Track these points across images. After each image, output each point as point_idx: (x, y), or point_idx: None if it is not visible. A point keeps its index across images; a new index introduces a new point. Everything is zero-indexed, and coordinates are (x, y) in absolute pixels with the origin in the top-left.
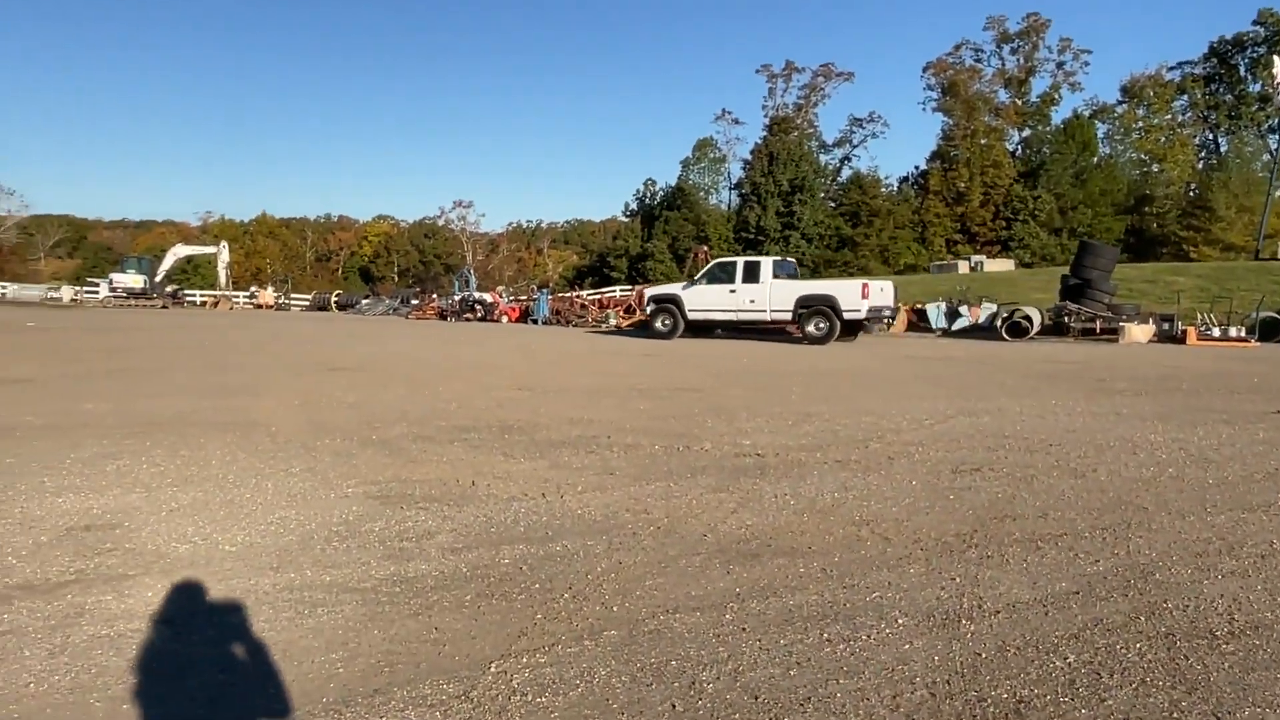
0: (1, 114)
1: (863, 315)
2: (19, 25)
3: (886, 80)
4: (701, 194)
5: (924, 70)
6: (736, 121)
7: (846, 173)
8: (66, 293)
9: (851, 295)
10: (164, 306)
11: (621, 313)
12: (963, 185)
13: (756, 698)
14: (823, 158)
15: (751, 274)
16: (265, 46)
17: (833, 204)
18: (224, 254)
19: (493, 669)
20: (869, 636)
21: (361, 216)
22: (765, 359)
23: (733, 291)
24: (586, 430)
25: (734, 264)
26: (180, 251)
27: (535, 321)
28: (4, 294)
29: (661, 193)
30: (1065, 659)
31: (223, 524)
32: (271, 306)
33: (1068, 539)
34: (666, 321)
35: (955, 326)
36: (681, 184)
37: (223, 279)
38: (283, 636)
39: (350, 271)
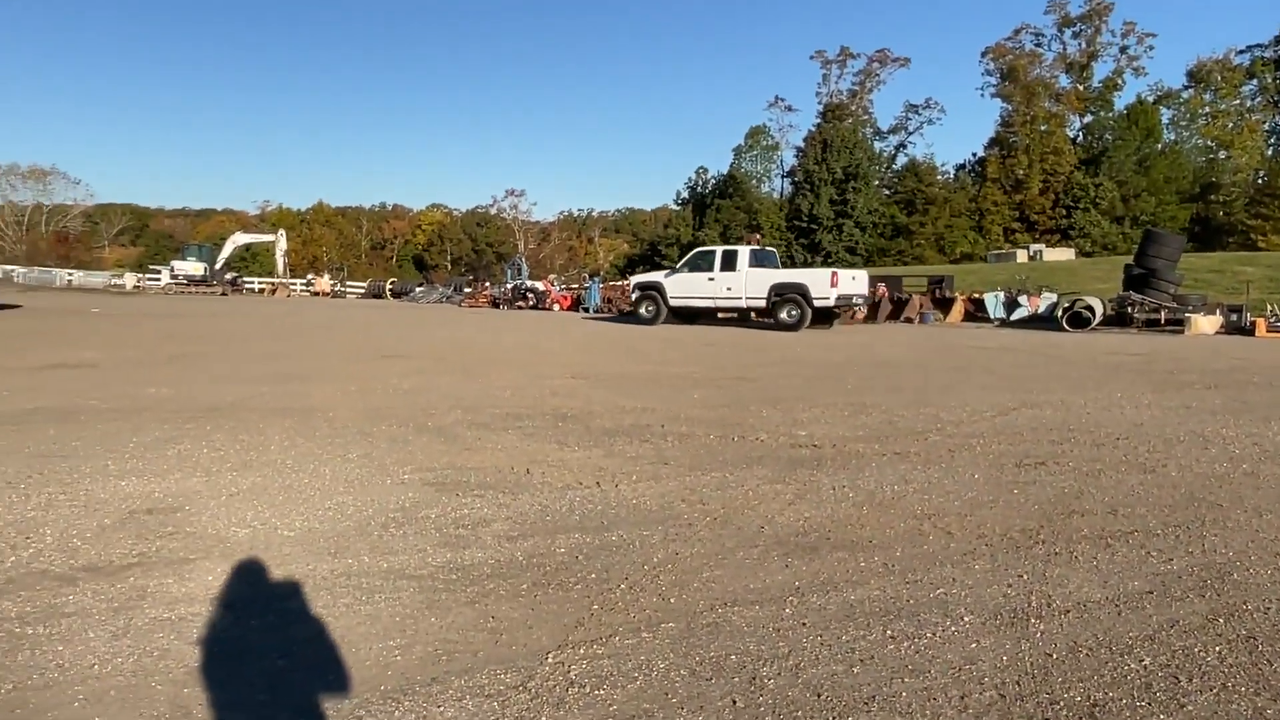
0: (69, 107)
1: (832, 302)
2: (86, 22)
3: (943, 66)
4: (753, 182)
5: (982, 55)
6: (790, 108)
7: (902, 160)
8: (129, 280)
9: (821, 283)
10: (223, 293)
11: None
12: (1022, 172)
13: (819, 695)
14: (877, 145)
15: (729, 263)
16: (322, 39)
17: (887, 192)
18: (281, 242)
19: (550, 660)
20: (934, 634)
21: (415, 205)
22: (819, 349)
23: (711, 279)
24: (640, 419)
25: (713, 253)
26: (239, 240)
27: (587, 310)
28: (70, 281)
29: (713, 181)
30: (1141, 661)
31: (281, 509)
32: (327, 294)
33: (1139, 536)
34: (650, 308)
35: (1014, 317)
36: (733, 172)
37: (280, 267)
38: (340, 623)
39: (404, 260)
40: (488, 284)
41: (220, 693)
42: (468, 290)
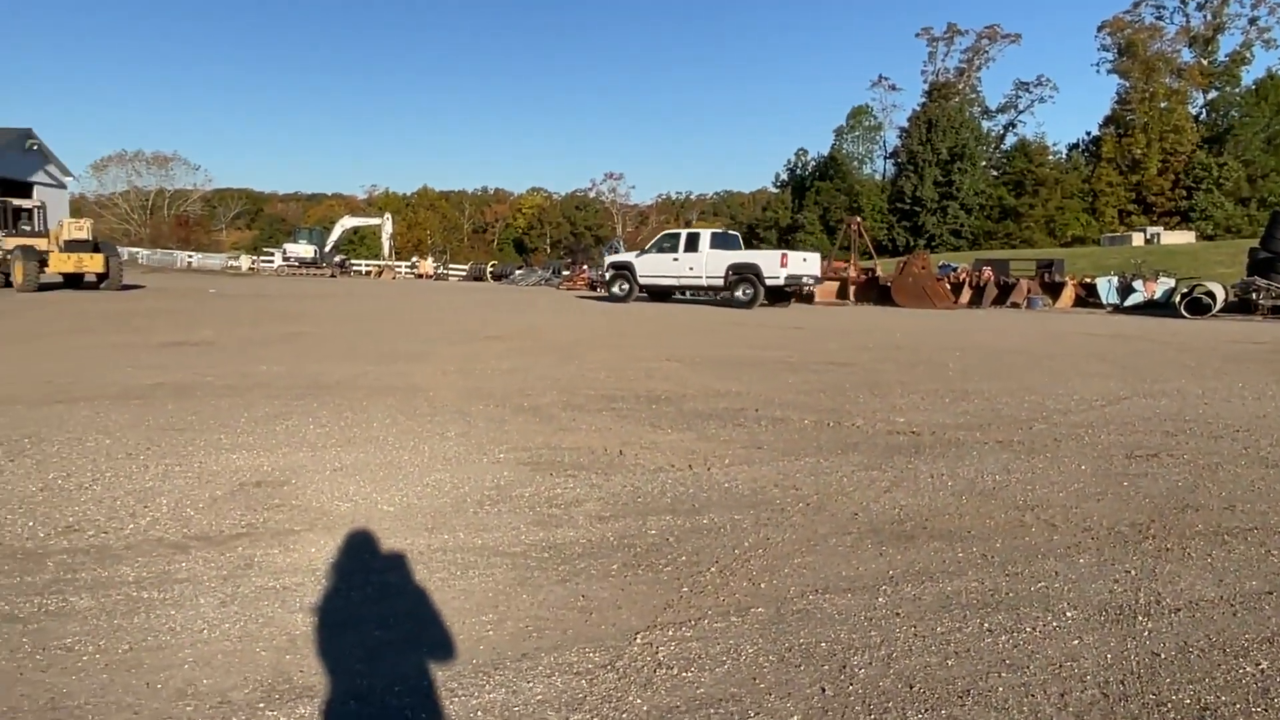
0: (188, 96)
1: (781, 281)
2: (208, 17)
3: (1056, 41)
4: (855, 163)
5: (1099, 29)
6: (894, 88)
7: (1011, 140)
8: (244, 262)
9: (772, 263)
10: (332, 275)
11: None
12: (1139, 152)
13: (911, 686)
14: (985, 124)
15: (692, 244)
16: (426, 30)
17: (995, 173)
18: (387, 225)
19: (638, 640)
20: (1034, 629)
21: (516, 189)
22: (917, 334)
23: (676, 260)
24: (734, 402)
25: (678, 235)
26: (348, 223)
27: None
28: (190, 263)
29: (813, 163)
30: (1257, 664)
31: (382, 484)
32: (430, 276)
33: (1258, 534)
34: (623, 286)
35: (1128, 302)
36: (834, 153)
37: (386, 249)
38: (436, 596)
39: (505, 243)
40: (586, 267)
41: (320, 660)
42: (566, 273)
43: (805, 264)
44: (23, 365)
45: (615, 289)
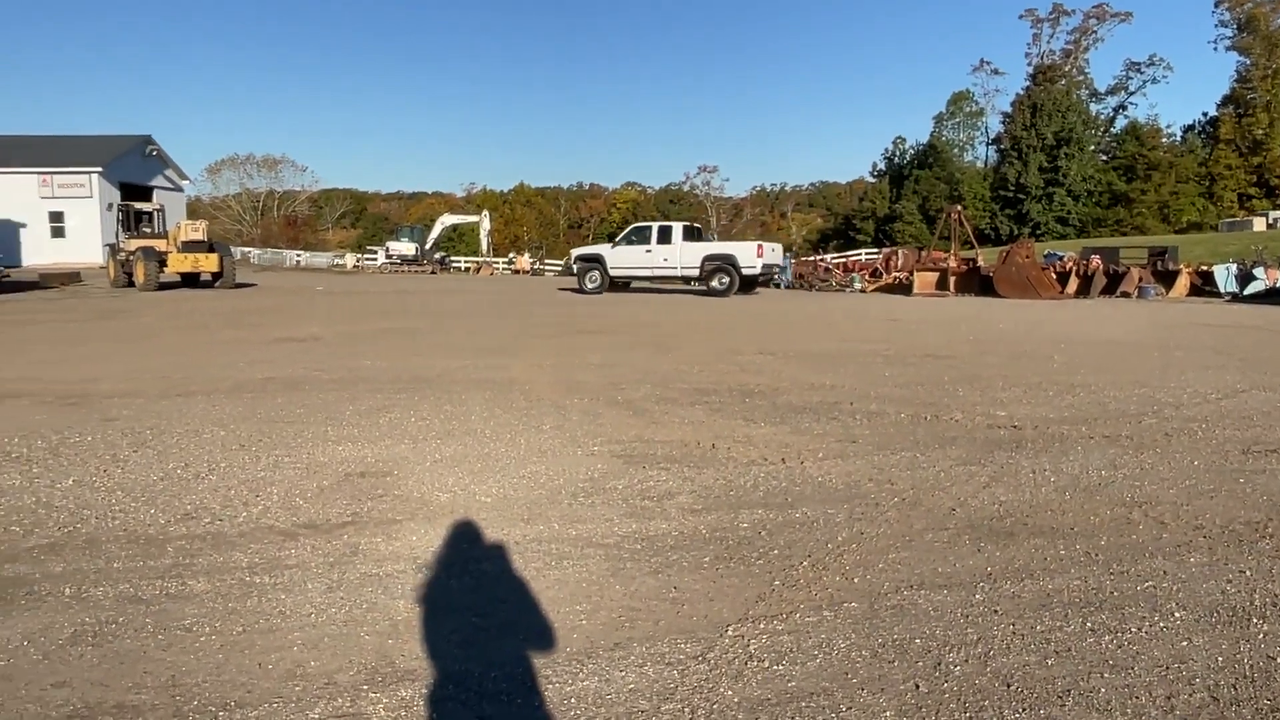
0: (296, 100)
1: (757, 271)
2: (309, 25)
3: (1170, 18)
4: (955, 151)
5: (1216, 5)
6: (996, 72)
7: (1121, 122)
8: (349, 259)
9: (749, 254)
10: (432, 272)
11: (867, 277)
12: (1260, 133)
13: (1009, 685)
14: (1093, 107)
15: (665, 236)
16: (519, 32)
17: (1104, 157)
18: (485, 222)
19: (730, 632)
20: (1139, 629)
21: (611, 184)
22: (1019, 325)
23: (649, 251)
24: (828, 396)
25: (649, 228)
26: (447, 220)
27: (779, 286)
28: (298, 261)
29: (911, 151)
30: None
31: (480, 476)
32: (527, 272)
33: None
34: (594, 278)
35: (1248, 291)
36: (934, 141)
37: (484, 246)
38: (531, 585)
39: (600, 238)
40: None
41: (421, 645)
42: None
43: (773, 254)
44: (144, 360)
45: (586, 281)
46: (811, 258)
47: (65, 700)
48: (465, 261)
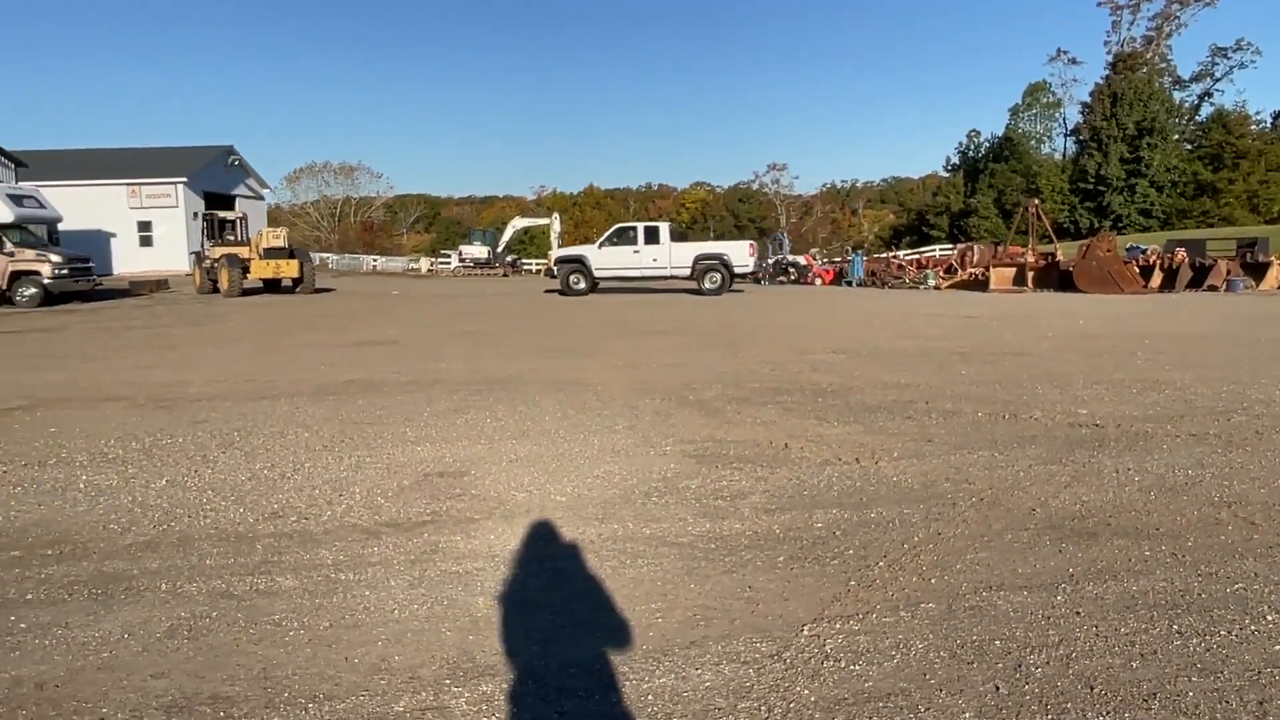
0: (371, 108)
1: (750, 269)
2: (382, 34)
3: (1259, 2)
4: (1032, 143)
5: None
6: (1074, 61)
7: (1207, 110)
8: (424, 264)
9: (741, 253)
10: (504, 274)
11: (941, 273)
12: None
13: (1092, 688)
14: (1177, 95)
15: (653, 237)
16: (586, 34)
17: (1189, 146)
18: (556, 225)
19: (805, 632)
20: (1229, 632)
21: (679, 184)
22: (1103, 320)
23: (636, 252)
24: (903, 395)
25: (635, 228)
26: (518, 224)
27: (850, 284)
28: (375, 266)
29: (986, 144)
30: None
31: (554, 475)
32: None
33: None
34: (578, 280)
35: None
36: (1010, 133)
37: (555, 248)
38: (606, 584)
39: None
40: None
41: (500, 642)
42: None
43: (755, 253)
44: (231, 364)
45: (571, 282)
46: (884, 255)
47: (164, 690)
48: (537, 264)
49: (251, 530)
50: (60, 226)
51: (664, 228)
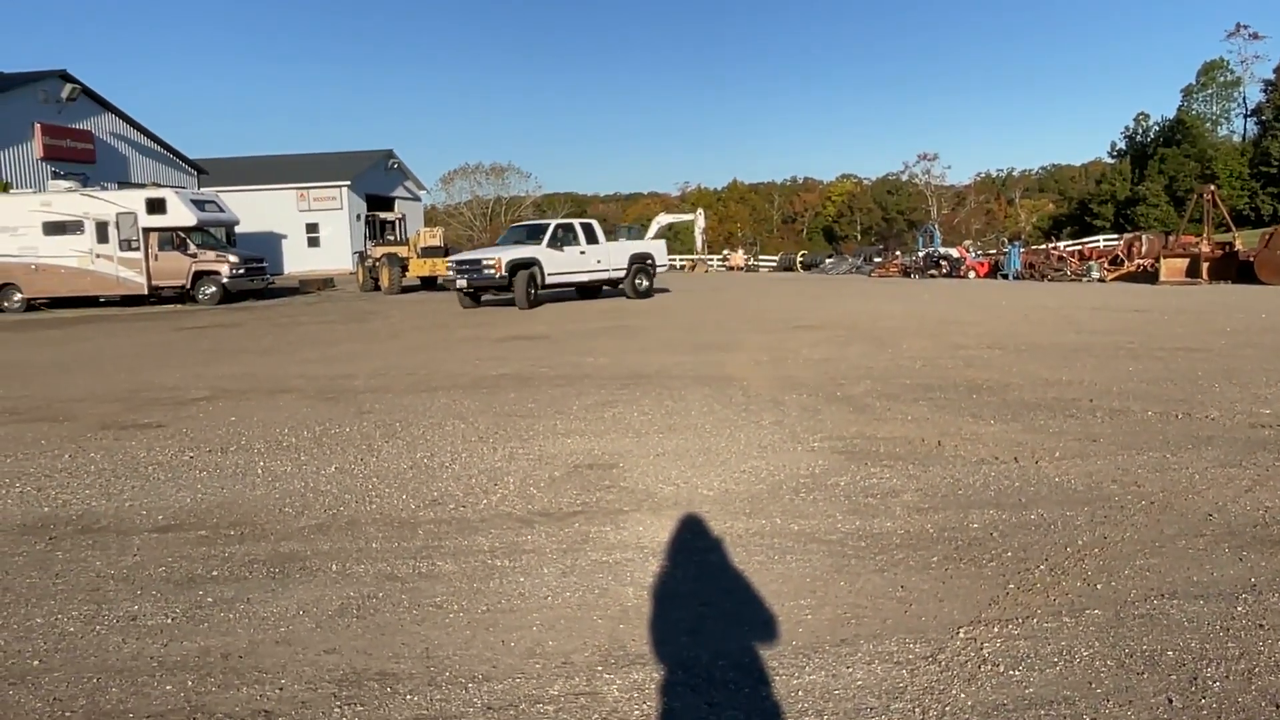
0: (519, 109)
1: (665, 267)
2: (528, 29)
3: None
4: (1207, 125)
5: None
6: (1255, 36)
7: None
8: None
9: (661, 251)
10: None
11: (1106, 265)
12: None
13: (1276, 706)
14: None
15: (591, 236)
16: (729, 31)
17: None
18: (700, 220)
19: (961, 634)
20: None
21: (825, 177)
22: None
23: (583, 254)
24: (1064, 392)
25: (572, 225)
26: (663, 220)
27: (1006, 276)
28: None
29: (1155, 128)
30: None
31: (701, 470)
32: (741, 268)
33: None
34: (532, 287)
35: None
36: (1182, 115)
37: (699, 244)
38: (755, 578)
39: (814, 232)
40: (898, 253)
41: (649, 631)
42: (878, 260)
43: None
44: (392, 359)
45: (523, 289)
46: (1043, 246)
47: (335, 665)
48: (680, 260)
49: (413, 516)
50: (237, 229)
51: (595, 224)
